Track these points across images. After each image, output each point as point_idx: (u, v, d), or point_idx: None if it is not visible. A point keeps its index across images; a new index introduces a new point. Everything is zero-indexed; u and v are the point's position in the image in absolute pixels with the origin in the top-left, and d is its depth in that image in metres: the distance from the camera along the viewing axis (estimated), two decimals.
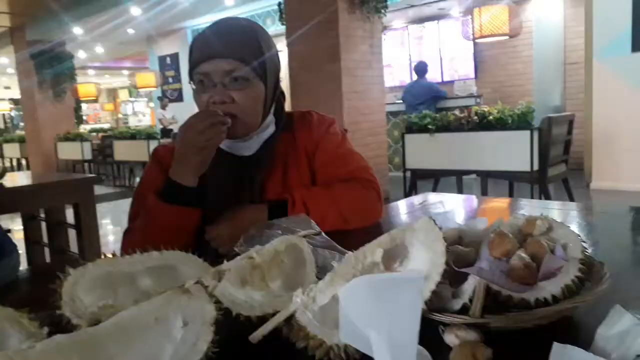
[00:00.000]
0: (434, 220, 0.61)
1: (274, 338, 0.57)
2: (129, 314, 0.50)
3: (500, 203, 1.54)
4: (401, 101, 7.57)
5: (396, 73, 9.65)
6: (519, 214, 0.73)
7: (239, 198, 1.18)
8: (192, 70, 1.13)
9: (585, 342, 0.54)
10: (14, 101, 16.78)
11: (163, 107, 10.87)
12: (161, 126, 10.73)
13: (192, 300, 0.52)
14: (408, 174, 5.07)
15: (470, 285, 0.60)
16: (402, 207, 1.49)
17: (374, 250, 0.59)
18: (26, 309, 0.57)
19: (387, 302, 0.34)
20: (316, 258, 0.78)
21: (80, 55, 12.16)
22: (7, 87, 15.62)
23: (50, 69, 10.37)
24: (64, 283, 0.60)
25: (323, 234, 0.87)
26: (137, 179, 9.88)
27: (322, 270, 0.78)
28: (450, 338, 0.57)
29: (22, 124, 15.00)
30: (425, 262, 0.58)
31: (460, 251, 0.68)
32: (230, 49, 1.10)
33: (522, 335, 0.60)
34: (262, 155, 1.21)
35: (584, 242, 0.66)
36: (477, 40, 6.43)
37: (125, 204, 1.25)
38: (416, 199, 1.53)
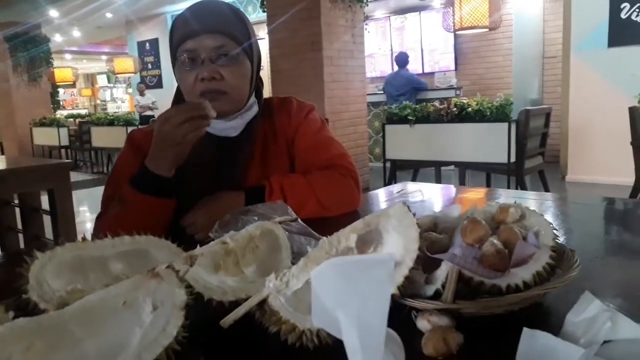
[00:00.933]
0: (408, 207, 0.61)
1: (246, 323, 0.56)
2: (96, 297, 0.49)
3: (477, 193, 1.56)
4: (382, 92, 7.59)
5: (377, 64, 9.65)
6: (493, 202, 0.74)
7: (220, 181, 1.17)
8: (177, 48, 1.11)
9: (555, 327, 0.55)
10: None
11: (140, 92, 10.64)
12: (139, 112, 10.51)
13: (162, 285, 0.52)
14: (388, 164, 5.10)
15: (443, 272, 0.60)
16: (381, 196, 1.49)
17: (348, 236, 0.59)
18: None
19: (357, 283, 0.34)
20: (292, 244, 0.78)
21: (57, 38, 11.86)
22: None
23: (25, 52, 10.12)
24: (31, 266, 0.59)
25: (299, 220, 0.87)
26: None
27: (297, 257, 0.77)
28: (422, 323, 0.57)
29: None
30: (398, 247, 0.58)
31: (434, 238, 0.68)
32: (217, 25, 1.09)
33: (493, 320, 0.60)
34: (245, 138, 1.20)
35: (555, 229, 0.67)
36: (457, 32, 6.45)
37: (102, 191, 1.22)
38: (395, 188, 1.54)
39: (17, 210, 3.18)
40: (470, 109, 4.49)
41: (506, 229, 0.64)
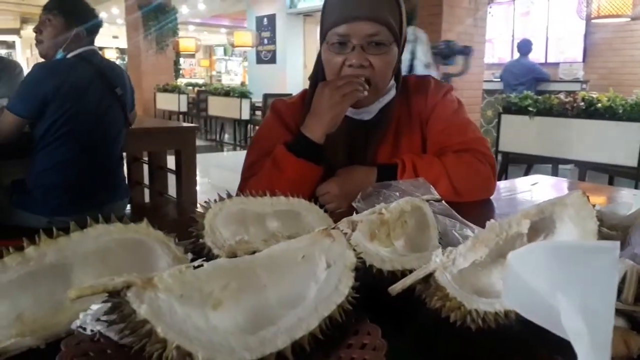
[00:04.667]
0: (587, 197, 0.57)
1: (406, 294, 0.56)
2: (280, 247, 0.51)
3: (627, 193, 1.40)
4: (499, 79, 7.20)
5: (496, 49, 9.17)
6: None
7: (352, 160, 1.18)
8: (329, 29, 1.10)
9: None
10: (120, 50, 17.82)
11: None
12: None
13: (335, 244, 0.53)
14: (499, 156, 4.86)
15: (619, 271, 0.56)
16: (511, 187, 1.42)
17: (520, 221, 0.56)
18: (173, 234, 0.61)
19: (579, 268, 0.32)
20: (437, 224, 0.77)
21: (183, 10, 12.54)
22: (115, 37, 16.58)
23: (155, 22, 10.82)
24: (206, 214, 0.63)
25: (443, 201, 0.85)
26: (227, 135, 10.24)
27: (443, 237, 0.76)
28: None
29: None
30: (573, 239, 0.55)
31: (606, 233, 0.63)
32: (375, 12, 1.07)
33: None
34: (380, 120, 1.20)
35: None
36: (593, 21, 5.92)
37: (214, 157, 1.31)
38: (526, 180, 1.46)
39: (145, 167, 3.47)
40: (600, 104, 4.13)
41: None
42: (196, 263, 0.45)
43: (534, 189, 1.36)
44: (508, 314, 0.52)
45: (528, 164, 4.96)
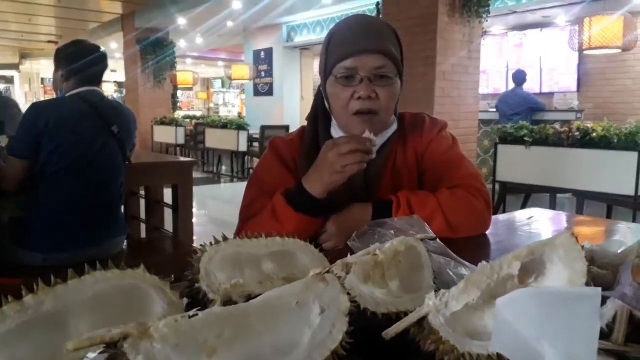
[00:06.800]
0: (576, 238, 0.58)
1: (400, 337, 0.57)
2: (274, 294, 0.52)
3: (623, 227, 1.41)
4: (494, 110, 7.30)
5: (491, 80, 9.33)
6: None
7: (353, 197, 1.19)
8: (335, 64, 1.14)
9: None
10: (118, 84, 18.09)
11: None
12: None
13: (328, 289, 0.54)
14: (497, 186, 4.89)
15: (609, 310, 0.56)
16: (508, 221, 1.43)
17: (510, 263, 0.57)
18: (169, 278, 0.61)
19: (562, 315, 0.33)
20: (431, 263, 0.78)
21: (181, 44, 12.74)
22: (113, 70, 16.80)
23: (153, 56, 10.98)
24: (202, 258, 0.64)
25: (438, 240, 0.86)
26: (224, 167, 10.28)
27: (438, 277, 0.77)
28: None
29: None
30: (563, 280, 0.56)
31: (596, 272, 0.64)
32: (380, 45, 1.12)
33: None
34: (380, 155, 1.22)
35: None
36: (585, 52, 6.04)
37: (211, 189, 1.32)
38: (523, 214, 1.47)
39: (142, 201, 3.47)
40: (595, 134, 4.18)
41: None
42: (191, 313, 0.46)
43: (531, 223, 1.37)
44: (501, 356, 0.52)
45: (526, 193, 4.98)
